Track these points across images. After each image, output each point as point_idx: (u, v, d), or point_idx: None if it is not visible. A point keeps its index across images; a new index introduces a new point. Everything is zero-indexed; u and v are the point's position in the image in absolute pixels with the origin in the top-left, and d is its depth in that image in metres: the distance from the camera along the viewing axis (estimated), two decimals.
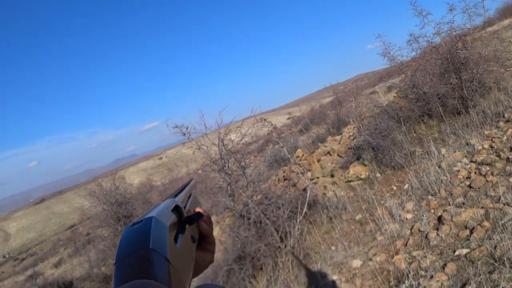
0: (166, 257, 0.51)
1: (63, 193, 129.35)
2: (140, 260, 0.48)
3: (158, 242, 0.51)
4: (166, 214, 0.61)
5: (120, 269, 0.49)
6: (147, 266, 0.47)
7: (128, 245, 0.52)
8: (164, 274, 0.48)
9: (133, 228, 0.54)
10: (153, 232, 0.52)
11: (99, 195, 11.81)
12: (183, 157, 79.59)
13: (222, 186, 5.87)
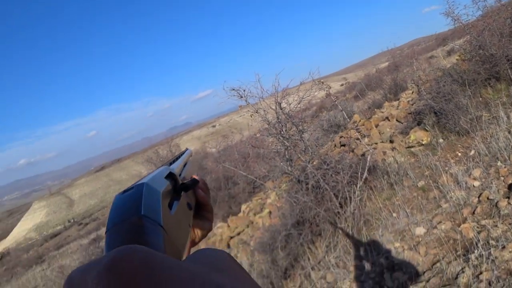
0: (160, 223, 0.48)
1: (121, 161, 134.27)
2: (131, 227, 0.46)
3: (150, 208, 0.49)
4: (159, 181, 0.58)
5: (110, 238, 0.45)
6: (140, 233, 0.45)
7: (118, 212, 0.49)
8: (158, 241, 0.45)
9: (124, 195, 0.52)
10: (144, 198, 0.50)
11: (156, 162, 12.04)
12: (236, 124, 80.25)
13: (280, 150, 5.77)
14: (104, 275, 0.32)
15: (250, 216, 8.27)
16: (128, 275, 0.32)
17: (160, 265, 0.33)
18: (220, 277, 0.35)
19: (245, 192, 9.82)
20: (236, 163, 9.94)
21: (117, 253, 0.34)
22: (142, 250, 0.35)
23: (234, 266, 0.42)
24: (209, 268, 0.38)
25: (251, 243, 7.13)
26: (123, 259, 0.33)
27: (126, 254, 0.34)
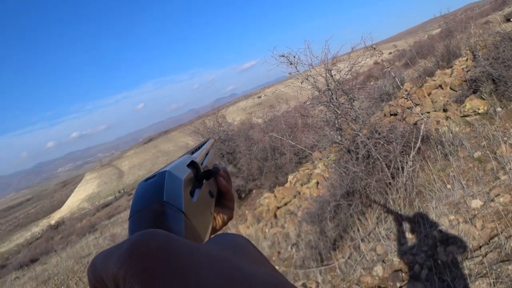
0: (182, 209, 0.49)
1: (168, 132, 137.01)
2: (153, 213, 0.46)
3: (172, 195, 0.50)
4: (181, 169, 0.59)
5: (133, 224, 0.46)
6: (161, 219, 0.45)
7: (141, 199, 0.49)
8: (179, 227, 0.46)
9: (147, 183, 0.52)
10: (166, 185, 0.50)
11: (203, 133, 12.13)
12: (281, 95, 79.98)
13: (329, 119, 5.62)
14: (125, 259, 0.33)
15: (297, 187, 8.21)
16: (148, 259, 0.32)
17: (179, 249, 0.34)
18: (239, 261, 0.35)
19: (292, 162, 9.74)
20: (283, 133, 9.85)
21: (138, 238, 0.35)
22: (162, 234, 0.35)
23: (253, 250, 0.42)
24: (228, 252, 0.38)
25: (299, 213, 7.08)
26: (143, 243, 0.34)
27: (146, 239, 0.34)
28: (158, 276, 0.31)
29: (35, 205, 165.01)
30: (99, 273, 0.35)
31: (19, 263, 30.40)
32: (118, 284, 0.33)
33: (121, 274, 0.32)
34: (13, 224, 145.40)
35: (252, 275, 0.33)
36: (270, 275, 0.35)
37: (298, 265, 5.39)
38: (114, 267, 0.33)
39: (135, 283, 0.31)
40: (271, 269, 0.38)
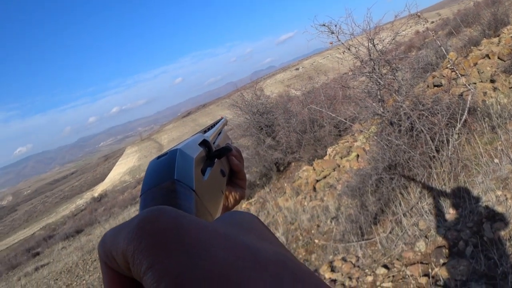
0: (192, 187, 0.48)
1: (206, 106, 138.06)
2: (164, 191, 0.46)
3: (183, 173, 0.49)
4: (192, 147, 0.60)
5: (144, 201, 0.46)
6: (172, 197, 0.45)
7: (152, 177, 0.49)
8: (189, 205, 0.46)
9: (158, 161, 0.52)
10: (177, 163, 0.50)
11: (241, 106, 12.08)
12: (319, 67, 78.98)
13: (371, 90, 5.45)
14: (134, 235, 0.32)
15: (337, 160, 8.10)
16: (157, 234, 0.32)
17: (188, 226, 0.33)
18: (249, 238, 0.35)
19: (331, 135, 9.61)
20: (322, 105, 9.71)
21: (147, 214, 0.34)
22: (171, 211, 0.35)
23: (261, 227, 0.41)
24: (238, 230, 0.37)
25: (338, 187, 7.00)
26: (152, 219, 0.33)
27: (155, 215, 0.34)
28: (167, 252, 0.31)
29: (79, 179, 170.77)
30: (109, 249, 0.35)
31: (65, 233, 31.70)
32: (127, 260, 0.32)
33: (130, 250, 0.32)
34: (59, 196, 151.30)
35: (260, 251, 0.32)
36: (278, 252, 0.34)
37: (338, 239, 5.34)
38: (123, 243, 0.33)
39: (143, 258, 0.31)
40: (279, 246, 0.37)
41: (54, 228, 57.17)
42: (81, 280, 13.19)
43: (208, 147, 0.67)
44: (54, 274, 17.00)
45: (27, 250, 36.64)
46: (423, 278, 3.70)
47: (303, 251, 5.79)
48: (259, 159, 11.09)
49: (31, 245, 41.34)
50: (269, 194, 9.74)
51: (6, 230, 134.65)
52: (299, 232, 6.49)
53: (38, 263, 23.76)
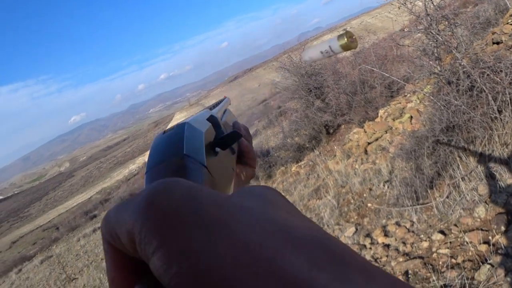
0: (203, 163, 0.44)
1: (253, 70, 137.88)
2: (173, 167, 0.42)
3: (193, 148, 0.45)
4: (201, 121, 0.55)
5: (150, 178, 0.42)
6: (181, 173, 0.41)
7: (159, 153, 0.45)
8: (200, 182, 0.41)
9: (164, 135, 0.48)
10: (186, 137, 0.46)
11: (289, 68, 11.88)
12: (368, 26, 76.61)
13: (427, 48, 5.16)
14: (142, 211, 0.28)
15: (389, 121, 7.86)
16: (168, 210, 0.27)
17: (205, 199, 0.29)
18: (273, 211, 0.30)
19: (383, 96, 9.31)
20: (373, 65, 9.38)
21: (156, 186, 0.30)
22: (184, 182, 0.31)
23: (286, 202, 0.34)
24: (263, 203, 0.31)
25: (391, 149, 6.79)
26: (162, 192, 0.29)
27: (166, 187, 0.29)
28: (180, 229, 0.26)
29: (131, 144, 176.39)
30: (113, 226, 0.30)
31: (120, 197, 32.99)
32: (133, 239, 0.27)
33: (137, 227, 0.27)
34: (113, 162, 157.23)
35: (293, 228, 0.27)
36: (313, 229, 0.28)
37: (392, 203, 5.21)
38: (129, 220, 0.28)
39: (152, 237, 0.26)
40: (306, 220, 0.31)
41: (109, 192, 59.66)
42: None
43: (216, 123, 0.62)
44: None
45: (85, 213, 38.53)
46: (482, 245, 3.55)
47: (355, 214, 5.70)
48: (308, 122, 10.96)
49: (89, 208, 43.45)
50: (318, 157, 9.63)
51: (65, 194, 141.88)
52: (351, 196, 6.38)
53: (96, 225, 24.92)
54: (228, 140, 0.58)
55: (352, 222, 5.56)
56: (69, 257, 18.55)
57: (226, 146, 0.58)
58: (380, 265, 4.23)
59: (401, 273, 3.82)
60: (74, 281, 12.51)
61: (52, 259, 20.22)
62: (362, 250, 4.68)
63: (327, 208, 6.31)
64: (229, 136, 0.58)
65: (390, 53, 10.22)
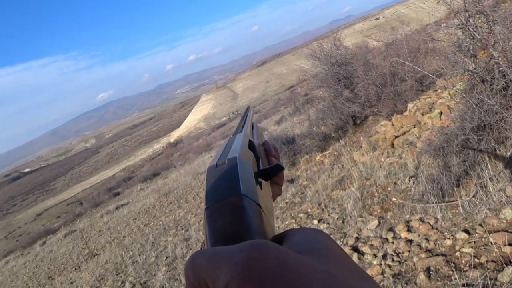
0: (257, 202, 0.47)
1: (282, 55, 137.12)
2: (232, 207, 0.45)
3: (247, 187, 0.48)
4: (246, 153, 0.59)
5: (212, 217, 0.45)
6: (242, 215, 0.44)
7: (217, 190, 0.48)
8: (258, 222, 0.45)
9: (219, 170, 0.52)
10: (241, 175, 0.49)
11: (319, 56, 11.78)
12: (401, 17, 75.18)
13: (462, 44, 5.07)
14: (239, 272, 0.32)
15: (417, 116, 7.76)
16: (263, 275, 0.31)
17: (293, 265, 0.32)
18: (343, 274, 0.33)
19: (412, 89, 9.17)
20: (405, 58, 9.23)
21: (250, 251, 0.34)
22: (274, 248, 0.34)
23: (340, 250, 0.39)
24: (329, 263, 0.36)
25: (418, 144, 6.73)
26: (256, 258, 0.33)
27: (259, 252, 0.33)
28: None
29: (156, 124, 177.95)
30: (203, 276, 0.35)
31: (143, 176, 33.41)
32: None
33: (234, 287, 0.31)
34: (138, 140, 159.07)
35: None
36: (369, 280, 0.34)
37: (416, 199, 5.18)
38: (225, 277, 0.32)
39: None
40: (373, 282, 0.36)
41: (133, 170, 60.45)
42: (157, 220, 13.88)
43: (255, 150, 0.67)
44: (133, 214, 18.02)
45: (108, 190, 39.14)
46: (507, 247, 3.53)
47: (379, 208, 5.69)
48: (336, 112, 10.89)
49: (112, 185, 44.13)
50: (344, 147, 9.59)
51: (89, 170, 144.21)
52: (375, 189, 6.37)
53: (119, 202, 25.30)
54: (272, 173, 0.61)
55: (375, 215, 5.56)
56: (92, 232, 18.90)
57: (269, 178, 0.62)
58: (402, 260, 4.24)
59: (422, 269, 3.83)
60: (96, 257, 12.77)
61: (76, 234, 20.65)
62: (384, 244, 4.69)
63: (350, 200, 6.30)
64: (273, 169, 0.61)
65: (423, 46, 10.03)
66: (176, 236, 10.24)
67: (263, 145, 0.82)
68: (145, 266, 8.86)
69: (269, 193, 0.64)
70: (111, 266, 10.32)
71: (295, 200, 8.00)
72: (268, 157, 0.78)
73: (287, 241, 0.41)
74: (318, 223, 6.31)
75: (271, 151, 0.79)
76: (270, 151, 0.80)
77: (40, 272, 15.31)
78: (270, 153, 0.79)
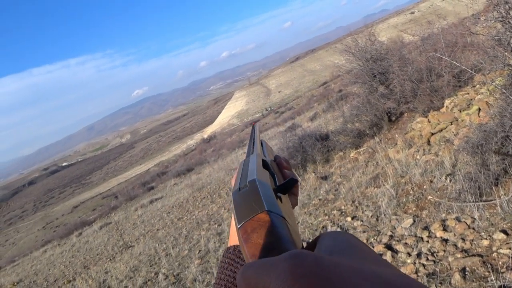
0: (281, 215, 0.51)
1: (315, 51, 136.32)
2: (262, 223, 0.49)
3: (270, 202, 0.53)
4: (263, 173, 0.64)
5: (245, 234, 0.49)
6: (270, 228, 0.48)
7: (244, 210, 0.52)
8: (286, 232, 0.49)
9: (242, 193, 0.56)
10: (262, 194, 0.54)
11: (354, 51, 11.63)
12: (437, 10, 73.55)
13: (502, 38, 4.91)
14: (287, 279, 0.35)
15: (455, 112, 7.56)
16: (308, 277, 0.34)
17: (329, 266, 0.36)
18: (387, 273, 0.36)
19: (450, 85, 8.94)
20: (442, 52, 9.01)
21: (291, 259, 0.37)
22: (309, 254, 0.38)
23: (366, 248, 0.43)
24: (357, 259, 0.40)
25: (455, 141, 6.57)
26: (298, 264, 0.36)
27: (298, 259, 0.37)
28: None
29: (190, 120, 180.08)
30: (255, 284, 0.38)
31: (177, 171, 33.89)
32: None
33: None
34: (172, 136, 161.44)
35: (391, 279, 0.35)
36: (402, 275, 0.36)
37: (453, 197, 5.07)
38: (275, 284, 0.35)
39: None
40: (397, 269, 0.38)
41: (166, 165, 61.39)
42: (191, 215, 14.03)
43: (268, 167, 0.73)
44: (167, 208, 18.30)
45: (142, 184, 39.89)
46: None
47: (414, 206, 5.59)
48: (370, 108, 10.73)
49: (146, 179, 44.96)
50: (379, 144, 9.46)
51: (125, 165, 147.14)
52: (410, 187, 6.26)
53: (153, 196, 25.73)
54: (288, 187, 0.67)
55: (410, 213, 5.47)
56: (127, 225, 19.30)
57: (286, 192, 0.67)
58: (437, 259, 4.16)
59: (458, 269, 3.75)
60: (131, 249, 13.03)
61: (111, 226, 21.14)
62: (419, 243, 4.61)
63: (385, 197, 6.22)
64: (289, 183, 0.67)
65: (461, 41, 9.78)
66: (209, 230, 10.34)
67: (274, 159, 0.89)
68: (178, 259, 8.98)
69: (288, 204, 0.69)
70: (145, 258, 10.51)
71: (328, 197, 7.95)
72: (281, 170, 0.85)
73: (319, 246, 0.44)
74: (352, 220, 6.25)
75: (283, 164, 0.86)
76: (282, 164, 0.87)
77: (76, 262, 15.75)
78: (282, 166, 0.86)
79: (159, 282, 7.96)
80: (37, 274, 17.34)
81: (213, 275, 6.99)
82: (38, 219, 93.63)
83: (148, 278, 8.66)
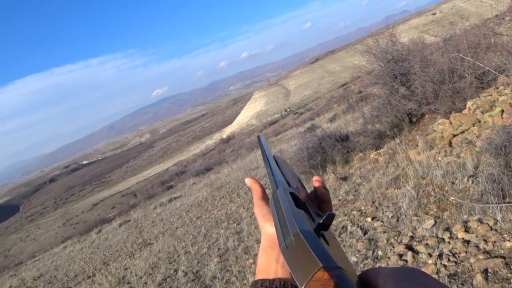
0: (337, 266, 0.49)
1: (335, 52, 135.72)
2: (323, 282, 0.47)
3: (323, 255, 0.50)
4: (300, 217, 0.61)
5: None
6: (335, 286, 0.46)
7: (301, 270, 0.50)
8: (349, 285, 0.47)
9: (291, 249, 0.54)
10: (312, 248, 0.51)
11: (375, 52, 11.58)
12: (459, 11, 72.59)
13: None
14: None
15: (477, 114, 7.50)
16: None
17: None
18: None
19: (472, 87, 8.86)
20: (465, 53, 8.93)
21: None
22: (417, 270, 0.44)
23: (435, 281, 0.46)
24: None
25: (478, 143, 6.51)
26: None
27: None
28: None
29: (209, 120, 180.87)
30: None
31: (196, 170, 34.10)
32: None
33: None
34: (191, 136, 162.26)
35: None
36: None
37: (475, 199, 5.03)
38: None
39: None
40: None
41: (185, 164, 61.78)
42: (209, 214, 14.11)
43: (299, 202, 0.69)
44: (186, 207, 18.41)
45: (161, 183, 40.20)
46: None
47: (435, 207, 5.56)
48: (391, 109, 10.68)
49: (165, 178, 45.30)
50: (399, 145, 9.42)
51: (144, 164, 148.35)
52: (431, 188, 6.22)
53: (172, 195, 25.91)
54: (328, 223, 0.64)
55: (431, 214, 5.44)
56: (146, 223, 19.47)
57: (327, 228, 0.64)
58: (458, 260, 4.14)
59: (479, 270, 3.73)
60: (150, 246, 13.16)
61: (130, 224, 21.37)
62: (440, 244, 4.59)
63: (405, 198, 6.20)
64: (328, 219, 0.63)
65: (484, 41, 9.67)
66: (228, 229, 10.40)
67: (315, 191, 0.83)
68: (197, 257, 9.06)
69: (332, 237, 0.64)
70: (164, 255, 10.62)
71: (348, 198, 7.94)
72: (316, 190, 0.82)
73: None
74: (372, 220, 6.24)
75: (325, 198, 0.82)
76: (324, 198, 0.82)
77: (96, 258, 15.98)
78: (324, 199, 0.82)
79: (179, 279, 8.05)
80: (57, 269, 17.65)
81: (232, 273, 7.04)
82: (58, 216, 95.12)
83: (167, 275, 8.76)
